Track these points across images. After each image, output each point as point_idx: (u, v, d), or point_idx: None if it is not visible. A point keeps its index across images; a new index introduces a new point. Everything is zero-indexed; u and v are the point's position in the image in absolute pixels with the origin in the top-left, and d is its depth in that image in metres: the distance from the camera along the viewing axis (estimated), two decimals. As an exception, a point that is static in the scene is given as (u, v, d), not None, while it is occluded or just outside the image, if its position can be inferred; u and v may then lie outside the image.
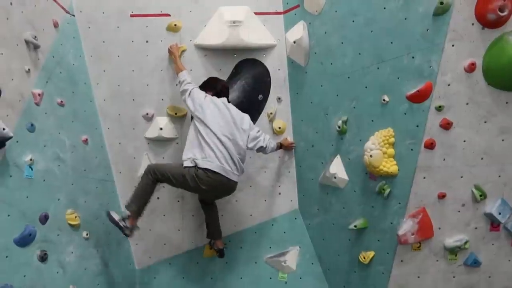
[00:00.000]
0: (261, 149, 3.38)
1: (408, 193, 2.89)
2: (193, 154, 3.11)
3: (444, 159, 2.79)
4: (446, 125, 2.74)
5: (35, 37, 2.86)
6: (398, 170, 2.89)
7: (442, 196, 2.85)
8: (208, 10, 3.62)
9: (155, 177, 3.20)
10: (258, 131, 3.37)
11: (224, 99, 3.34)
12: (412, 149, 2.84)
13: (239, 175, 3.24)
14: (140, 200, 3.19)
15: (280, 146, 3.60)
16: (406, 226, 2.89)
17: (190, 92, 3.27)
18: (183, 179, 3.11)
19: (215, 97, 3.31)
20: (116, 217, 3.14)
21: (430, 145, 2.78)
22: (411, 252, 2.98)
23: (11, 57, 2.61)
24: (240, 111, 3.34)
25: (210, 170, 3.05)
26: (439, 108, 2.72)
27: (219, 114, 3.19)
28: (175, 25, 3.61)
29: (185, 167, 3.10)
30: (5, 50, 2.55)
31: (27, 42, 2.79)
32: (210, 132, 3.12)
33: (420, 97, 2.76)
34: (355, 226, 3.18)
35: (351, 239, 3.31)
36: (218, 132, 3.12)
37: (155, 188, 3.23)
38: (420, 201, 2.89)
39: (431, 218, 2.89)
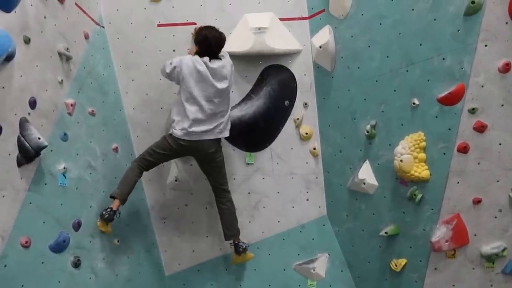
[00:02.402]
0: None
1: (441, 199, 2.81)
2: (174, 122, 3.27)
3: (478, 163, 2.70)
4: (480, 128, 2.65)
5: (67, 49, 2.95)
6: (430, 175, 2.82)
7: (477, 202, 2.75)
8: (233, 17, 3.66)
9: (140, 163, 3.31)
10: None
11: (206, 58, 3.23)
12: (444, 153, 2.76)
13: (220, 132, 3.33)
14: (123, 185, 3.23)
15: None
16: (440, 233, 2.81)
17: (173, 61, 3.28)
18: (166, 142, 3.28)
19: (196, 57, 3.23)
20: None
21: (464, 149, 2.69)
22: (445, 260, 2.88)
23: (45, 68, 2.71)
24: (221, 65, 3.25)
25: (186, 139, 3.22)
26: (473, 111, 2.64)
27: (197, 76, 3.18)
28: (201, 33, 3.65)
29: (169, 134, 3.30)
30: (40, 62, 2.64)
31: (60, 54, 2.89)
32: (189, 98, 3.20)
33: (452, 99, 2.69)
34: (386, 232, 3.11)
35: (382, 246, 3.23)
36: (198, 96, 3.18)
37: (139, 176, 3.33)
38: (454, 206, 2.80)
39: (466, 225, 2.79)
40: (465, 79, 2.63)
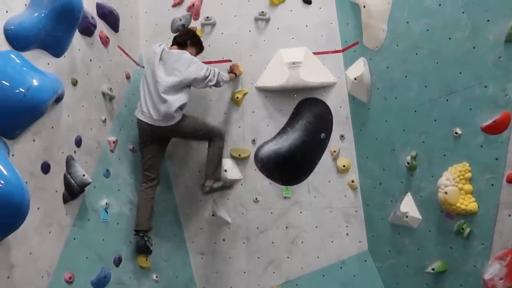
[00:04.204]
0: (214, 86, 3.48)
1: (492, 233, 2.65)
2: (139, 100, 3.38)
3: (531, 194, 2.55)
4: (531, 157, 2.52)
5: (111, 89, 3.10)
6: (478, 207, 2.68)
7: (532, 236, 2.58)
8: (267, 53, 3.74)
9: (142, 184, 3.29)
10: (207, 69, 3.37)
11: (168, 45, 3.44)
12: (492, 184, 2.63)
13: (164, 120, 3.25)
14: (137, 215, 3.21)
15: (232, 73, 3.65)
16: (493, 270, 2.63)
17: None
18: (138, 140, 3.37)
19: (162, 43, 3.42)
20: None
21: (514, 179, 2.56)
22: (501, 299, 2.68)
23: (90, 108, 2.83)
24: (179, 53, 3.37)
25: (142, 121, 3.26)
26: (521, 139, 2.53)
27: (152, 58, 3.31)
28: (236, 70, 3.74)
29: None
30: (86, 102, 2.77)
31: (103, 94, 3.03)
32: (144, 77, 3.34)
33: (497, 128, 2.58)
34: (432, 269, 2.95)
35: (429, 284, 3.06)
36: (148, 78, 3.29)
37: (147, 196, 3.26)
38: (507, 241, 2.62)
39: (521, 261, 2.61)
40: (510, 107, 2.53)
